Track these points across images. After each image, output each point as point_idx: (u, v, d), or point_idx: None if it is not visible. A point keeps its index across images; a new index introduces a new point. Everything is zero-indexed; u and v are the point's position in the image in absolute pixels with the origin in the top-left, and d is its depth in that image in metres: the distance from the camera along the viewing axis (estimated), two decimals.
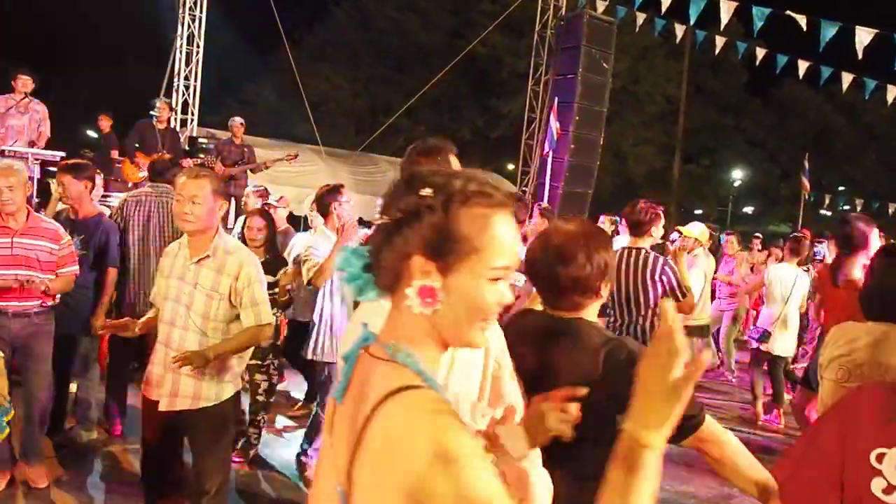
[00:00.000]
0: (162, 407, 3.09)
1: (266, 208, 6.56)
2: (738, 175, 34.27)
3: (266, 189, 7.18)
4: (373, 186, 13.63)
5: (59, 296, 4.08)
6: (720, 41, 12.81)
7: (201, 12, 11.86)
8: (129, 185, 8.50)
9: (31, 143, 7.79)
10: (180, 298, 3.12)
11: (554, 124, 11.26)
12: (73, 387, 4.88)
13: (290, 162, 9.81)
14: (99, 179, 6.14)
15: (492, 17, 18.30)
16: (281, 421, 5.68)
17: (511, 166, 18.53)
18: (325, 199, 4.44)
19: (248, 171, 9.44)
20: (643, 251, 4.31)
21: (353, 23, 26.17)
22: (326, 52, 25.72)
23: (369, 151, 16.34)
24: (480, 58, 22.64)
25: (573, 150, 12.86)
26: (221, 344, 3.09)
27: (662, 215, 4.49)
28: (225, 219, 8.95)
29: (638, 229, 4.39)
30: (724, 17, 11.43)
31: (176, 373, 3.06)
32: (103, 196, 7.36)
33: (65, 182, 4.53)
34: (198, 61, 11.98)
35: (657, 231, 4.46)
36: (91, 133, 13.68)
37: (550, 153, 11.50)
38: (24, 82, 8.04)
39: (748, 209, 36.71)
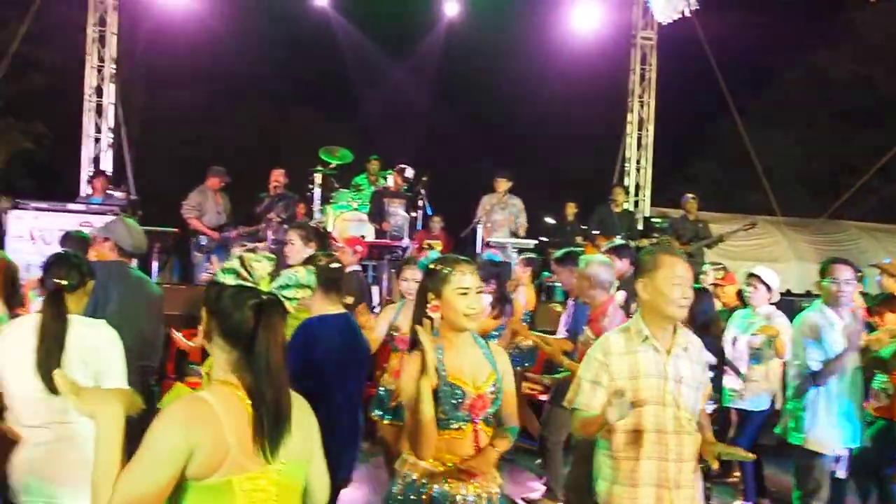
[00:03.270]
0: None
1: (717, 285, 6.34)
2: None
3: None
4: (841, 256, 12.21)
5: None
6: None
7: (649, 97, 12.31)
8: None
9: (512, 234, 8.85)
10: (664, 399, 2.70)
11: None
12: None
13: (748, 230, 9.41)
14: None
15: None
16: None
17: None
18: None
19: (705, 248, 9.29)
20: None
21: (805, 82, 24.43)
22: (776, 116, 24.38)
23: (834, 217, 14.81)
24: None
25: None
26: (709, 433, 2.87)
27: None
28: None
29: None
30: None
31: (676, 489, 2.69)
32: None
33: (556, 271, 5.01)
34: (646, 145, 12.40)
35: None
36: (549, 220, 15.03)
37: None
38: (500, 183, 9.27)
39: None
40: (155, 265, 8.48)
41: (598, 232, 9.26)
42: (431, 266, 2.70)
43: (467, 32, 13.12)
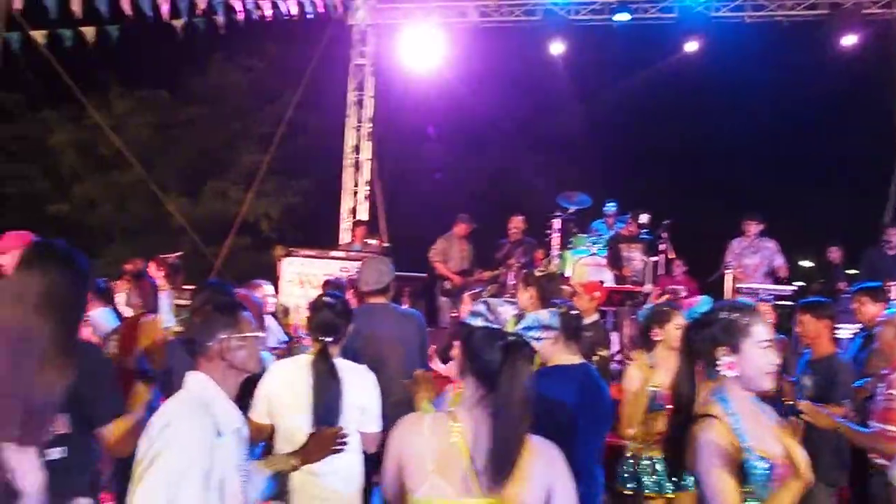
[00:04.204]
0: None
1: None
2: None
3: None
4: None
5: None
6: None
7: None
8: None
9: (774, 280, 8.36)
10: None
11: None
12: None
13: None
14: None
15: None
16: None
17: None
18: None
19: None
20: None
21: None
22: None
23: None
24: None
25: None
26: None
27: None
28: None
29: None
30: None
31: None
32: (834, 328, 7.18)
33: (803, 321, 4.49)
34: None
35: None
36: (806, 263, 13.74)
37: None
38: (750, 226, 8.74)
39: None
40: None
41: (861, 276, 8.34)
42: (723, 315, 2.29)
43: (705, 69, 12.57)
